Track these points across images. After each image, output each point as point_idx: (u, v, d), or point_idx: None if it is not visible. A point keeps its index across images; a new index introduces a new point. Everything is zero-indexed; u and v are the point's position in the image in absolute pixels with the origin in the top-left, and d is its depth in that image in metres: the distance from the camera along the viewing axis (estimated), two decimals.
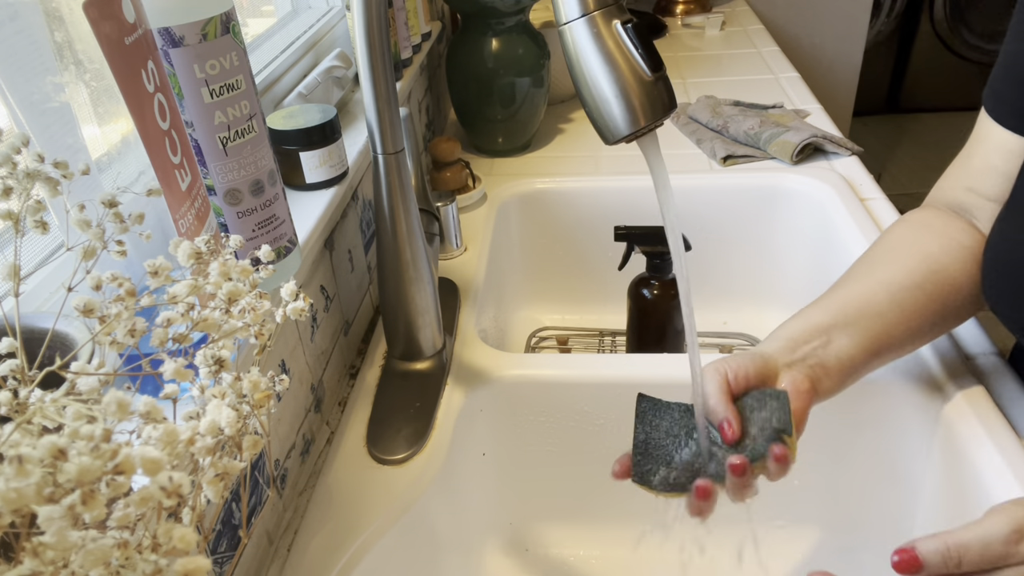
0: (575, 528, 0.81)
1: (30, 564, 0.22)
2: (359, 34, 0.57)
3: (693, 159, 1.10)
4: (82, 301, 0.29)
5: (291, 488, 0.63)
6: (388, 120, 0.61)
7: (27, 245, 0.49)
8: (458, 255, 0.94)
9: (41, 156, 0.32)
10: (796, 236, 1.03)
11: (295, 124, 0.68)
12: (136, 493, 0.25)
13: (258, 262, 0.37)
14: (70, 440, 0.24)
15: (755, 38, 1.66)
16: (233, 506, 0.52)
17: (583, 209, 1.07)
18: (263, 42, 0.88)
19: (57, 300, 0.47)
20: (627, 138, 0.44)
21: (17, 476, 0.22)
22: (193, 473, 0.29)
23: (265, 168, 0.53)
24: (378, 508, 0.60)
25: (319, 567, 0.56)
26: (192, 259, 0.34)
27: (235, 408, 0.30)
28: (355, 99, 0.93)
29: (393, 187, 0.64)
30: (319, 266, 0.69)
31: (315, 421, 0.68)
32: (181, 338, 0.32)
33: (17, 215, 0.31)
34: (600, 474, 0.79)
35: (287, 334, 0.61)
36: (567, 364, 0.75)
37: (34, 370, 0.28)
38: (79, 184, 0.47)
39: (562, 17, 0.44)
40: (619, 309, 1.14)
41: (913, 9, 2.99)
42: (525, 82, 1.10)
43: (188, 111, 0.47)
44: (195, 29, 0.45)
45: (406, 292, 0.68)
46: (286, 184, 0.70)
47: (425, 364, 0.72)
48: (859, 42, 2.20)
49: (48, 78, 0.46)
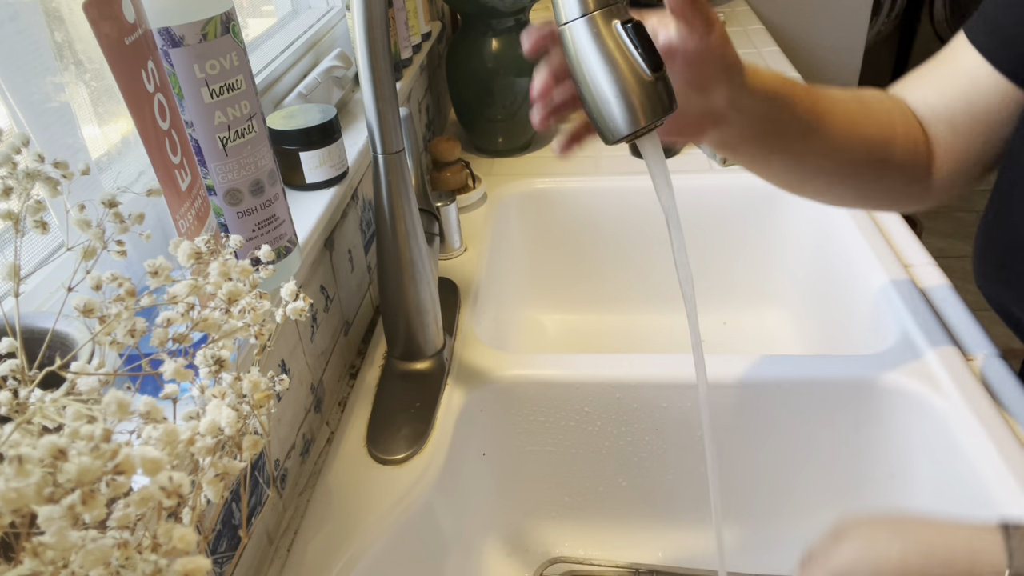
0: (575, 528, 0.81)
1: (30, 564, 0.22)
2: (359, 34, 0.57)
3: (693, 159, 1.10)
4: (82, 301, 0.29)
5: (291, 488, 0.63)
6: (388, 120, 0.61)
7: (27, 245, 0.49)
8: (458, 255, 0.94)
9: (41, 156, 0.32)
10: (796, 236, 1.03)
11: (295, 124, 0.68)
12: (136, 493, 0.25)
13: (258, 262, 0.37)
14: (70, 440, 0.24)
15: (755, 38, 1.65)
16: (233, 506, 0.52)
17: (583, 209, 1.07)
18: (263, 42, 0.88)
19: (57, 300, 0.47)
20: (627, 138, 0.44)
21: (17, 476, 0.22)
22: (193, 473, 0.29)
23: (265, 168, 0.53)
24: (378, 508, 0.60)
25: (319, 567, 0.56)
26: (192, 259, 0.34)
27: (235, 408, 0.30)
28: (355, 99, 0.93)
29: (393, 187, 0.64)
30: (319, 266, 0.69)
31: (315, 421, 0.68)
32: (181, 338, 0.32)
33: (17, 215, 0.31)
34: (601, 474, 0.80)
35: (287, 334, 0.61)
36: (567, 364, 0.75)
37: (34, 370, 0.28)
38: (79, 184, 0.47)
39: (562, 17, 0.44)
40: (619, 309, 1.14)
41: (913, 9, 2.99)
42: (525, 82, 1.10)
43: (188, 111, 0.47)
44: (195, 29, 0.45)
45: (406, 292, 0.68)
46: (286, 184, 0.70)
47: (425, 364, 0.72)
48: (859, 42, 2.20)
49: (48, 78, 0.46)
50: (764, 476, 0.76)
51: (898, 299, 0.78)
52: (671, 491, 0.78)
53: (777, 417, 0.72)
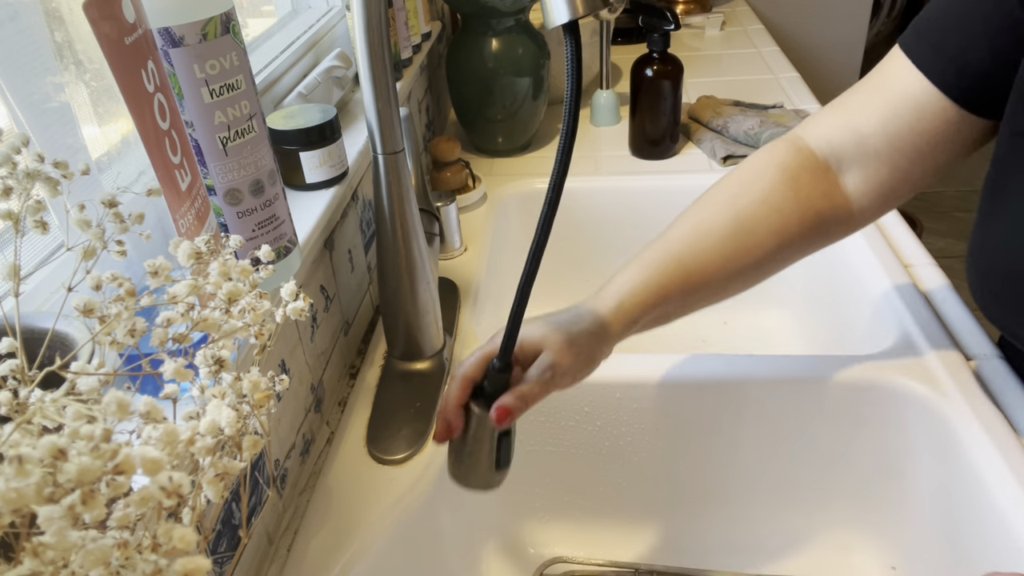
0: (575, 528, 0.81)
1: (30, 564, 0.22)
2: (359, 34, 0.57)
3: (694, 159, 1.10)
4: (82, 301, 0.29)
5: (291, 488, 0.63)
6: (388, 120, 0.61)
7: (27, 245, 0.49)
8: (458, 255, 0.94)
9: (41, 156, 0.32)
10: None
11: (295, 124, 0.68)
12: (136, 493, 0.25)
13: (258, 262, 0.37)
14: (70, 440, 0.24)
15: (755, 38, 1.66)
16: (233, 506, 0.52)
17: (583, 209, 1.07)
18: (263, 42, 0.88)
19: (57, 300, 0.47)
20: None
21: (17, 476, 0.22)
22: (193, 473, 0.29)
23: (265, 168, 0.53)
24: (378, 508, 0.60)
25: (319, 567, 0.56)
26: (192, 259, 0.34)
27: (235, 408, 0.30)
28: (355, 99, 0.93)
29: (393, 187, 0.64)
30: (319, 266, 0.69)
31: (315, 421, 0.68)
32: (181, 338, 0.32)
33: (17, 215, 0.31)
34: (600, 474, 0.79)
35: (287, 334, 0.61)
36: None
37: (34, 370, 0.28)
38: (79, 184, 0.47)
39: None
40: None
41: (913, 9, 2.98)
42: (525, 82, 1.10)
43: (188, 111, 0.47)
44: (195, 29, 0.45)
45: (406, 292, 0.68)
46: (286, 184, 0.70)
47: (425, 364, 0.72)
48: (859, 42, 2.20)
49: (48, 78, 0.46)
50: (763, 476, 0.76)
51: (898, 299, 0.78)
52: (671, 491, 0.78)
53: (777, 417, 0.72)
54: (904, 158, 0.57)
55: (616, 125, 1.25)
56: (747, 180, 0.61)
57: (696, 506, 0.79)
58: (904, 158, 0.57)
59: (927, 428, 0.66)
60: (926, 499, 0.68)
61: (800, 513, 0.78)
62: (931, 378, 0.67)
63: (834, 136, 0.60)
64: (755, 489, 0.77)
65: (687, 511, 0.79)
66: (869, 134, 0.57)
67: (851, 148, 0.59)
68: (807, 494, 0.76)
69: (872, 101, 0.58)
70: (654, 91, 1.07)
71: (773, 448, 0.75)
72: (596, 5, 0.44)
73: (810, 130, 0.62)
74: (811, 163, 0.60)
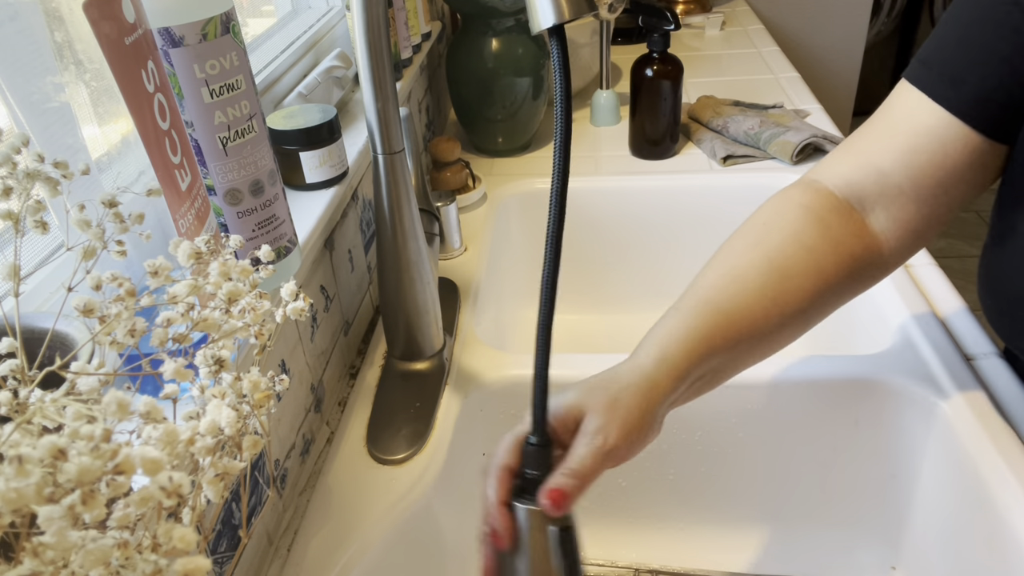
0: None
1: (30, 564, 0.22)
2: (359, 34, 0.57)
3: (694, 159, 1.10)
4: (82, 301, 0.29)
5: (291, 488, 0.63)
6: (388, 120, 0.61)
7: (27, 245, 0.49)
8: (458, 255, 0.94)
9: (41, 156, 0.32)
10: None
11: (295, 124, 0.68)
12: (136, 493, 0.25)
13: (258, 262, 0.37)
14: (70, 440, 0.24)
15: (755, 38, 1.66)
16: (233, 506, 0.52)
17: (583, 209, 1.07)
18: (263, 42, 0.88)
19: (57, 300, 0.47)
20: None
21: (17, 476, 0.22)
22: (193, 473, 0.29)
23: (265, 168, 0.53)
24: (378, 508, 0.60)
25: (319, 567, 0.56)
26: (192, 259, 0.34)
27: (235, 408, 0.30)
28: (355, 99, 0.93)
29: (393, 187, 0.64)
30: (319, 266, 0.69)
31: (315, 421, 0.68)
32: (181, 338, 0.32)
33: (17, 215, 0.31)
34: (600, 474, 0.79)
35: (287, 334, 0.61)
36: (567, 364, 0.75)
37: (34, 370, 0.28)
38: (79, 184, 0.47)
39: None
40: (619, 309, 1.14)
41: (913, 9, 2.99)
42: (525, 82, 1.10)
43: (188, 111, 0.47)
44: (195, 29, 0.45)
45: (406, 292, 0.68)
46: (286, 184, 0.70)
47: (425, 364, 0.72)
48: (859, 42, 2.20)
49: (48, 78, 0.46)
50: (763, 476, 0.76)
51: (898, 299, 0.78)
52: (671, 491, 0.78)
53: (777, 417, 0.72)
54: (928, 192, 0.54)
55: (616, 125, 1.25)
56: (771, 222, 0.57)
57: (696, 506, 0.79)
58: (928, 192, 0.54)
59: (927, 428, 0.66)
60: (926, 499, 0.68)
61: (800, 513, 0.78)
62: (931, 378, 0.67)
63: (852, 176, 0.57)
64: (755, 489, 0.77)
65: (687, 511, 0.79)
66: (890, 171, 0.55)
67: (872, 187, 0.56)
68: (807, 494, 0.76)
69: (887, 138, 0.56)
70: (654, 91, 1.07)
71: (773, 448, 0.75)
72: (582, 9, 0.43)
73: (824, 172, 0.59)
74: (833, 203, 0.57)
